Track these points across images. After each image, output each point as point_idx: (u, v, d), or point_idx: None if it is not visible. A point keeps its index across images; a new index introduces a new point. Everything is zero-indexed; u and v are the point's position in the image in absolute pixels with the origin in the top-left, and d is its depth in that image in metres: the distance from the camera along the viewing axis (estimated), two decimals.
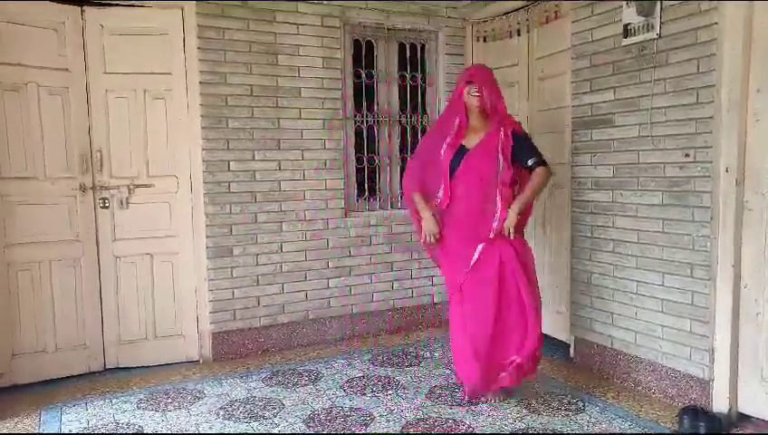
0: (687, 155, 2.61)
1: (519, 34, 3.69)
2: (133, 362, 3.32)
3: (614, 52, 2.91)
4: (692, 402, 2.61)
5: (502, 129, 2.70)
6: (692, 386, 2.64)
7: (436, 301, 4.03)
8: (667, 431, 2.46)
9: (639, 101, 2.80)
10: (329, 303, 3.74)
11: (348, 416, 2.65)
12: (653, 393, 2.81)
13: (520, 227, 2.73)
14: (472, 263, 2.68)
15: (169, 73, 3.28)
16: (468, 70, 2.96)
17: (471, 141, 2.74)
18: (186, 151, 3.34)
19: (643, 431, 2.46)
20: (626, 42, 2.83)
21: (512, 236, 2.65)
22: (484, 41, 3.96)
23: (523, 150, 2.71)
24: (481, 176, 2.68)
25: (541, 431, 2.47)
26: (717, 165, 2.47)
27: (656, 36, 2.69)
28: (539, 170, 2.69)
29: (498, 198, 2.67)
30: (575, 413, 2.64)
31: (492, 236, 2.66)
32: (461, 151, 2.73)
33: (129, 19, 3.20)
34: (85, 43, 3.13)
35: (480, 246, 2.68)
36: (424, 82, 4.03)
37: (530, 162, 2.70)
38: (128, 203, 3.26)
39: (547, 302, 3.59)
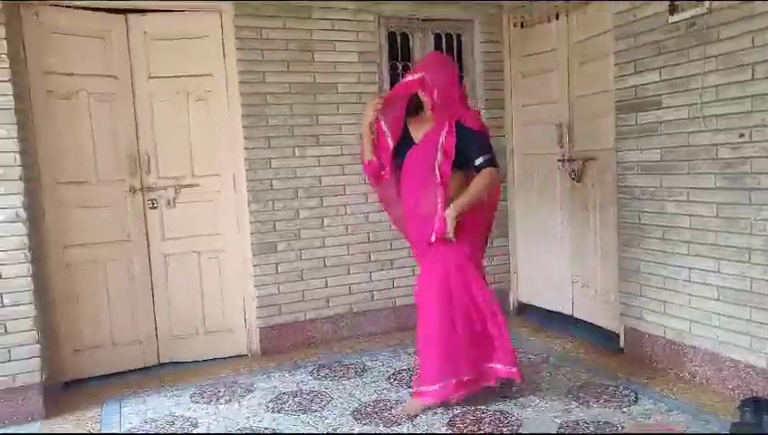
0: (742, 135, 2.48)
1: (557, 18, 3.59)
2: (185, 357, 3.43)
3: (659, 30, 2.80)
4: (754, 394, 2.49)
5: (446, 121, 2.48)
6: (754, 377, 2.52)
7: None
8: (727, 428, 2.36)
9: (688, 80, 2.68)
10: (372, 296, 3.77)
11: (395, 408, 2.66)
12: (711, 384, 2.71)
13: (471, 230, 2.54)
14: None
15: (210, 75, 3.36)
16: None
17: (418, 134, 2.58)
18: (228, 150, 3.41)
19: (702, 422, 2.38)
20: (673, 19, 2.72)
21: (452, 239, 2.47)
22: (521, 27, 3.87)
23: (470, 147, 2.47)
24: (421, 172, 2.53)
25: (590, 421, 2.42)
26: None
27: (706, 11, 2.56)
28: (485, 171, 2.47)
29: (439, 199, 2.48)
30: (627, 405, 2.57)
31: (433, 239, 2.49)
32: (408, 143, 2.58)
33: (171, 25, 3.28)
34: (130, 50, 3.23)
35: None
36: (461, 71, 3.98)
37: (478, 161, 2.48)
38: (175, 203, 3.36)
39: (594, 290, 3.52)
